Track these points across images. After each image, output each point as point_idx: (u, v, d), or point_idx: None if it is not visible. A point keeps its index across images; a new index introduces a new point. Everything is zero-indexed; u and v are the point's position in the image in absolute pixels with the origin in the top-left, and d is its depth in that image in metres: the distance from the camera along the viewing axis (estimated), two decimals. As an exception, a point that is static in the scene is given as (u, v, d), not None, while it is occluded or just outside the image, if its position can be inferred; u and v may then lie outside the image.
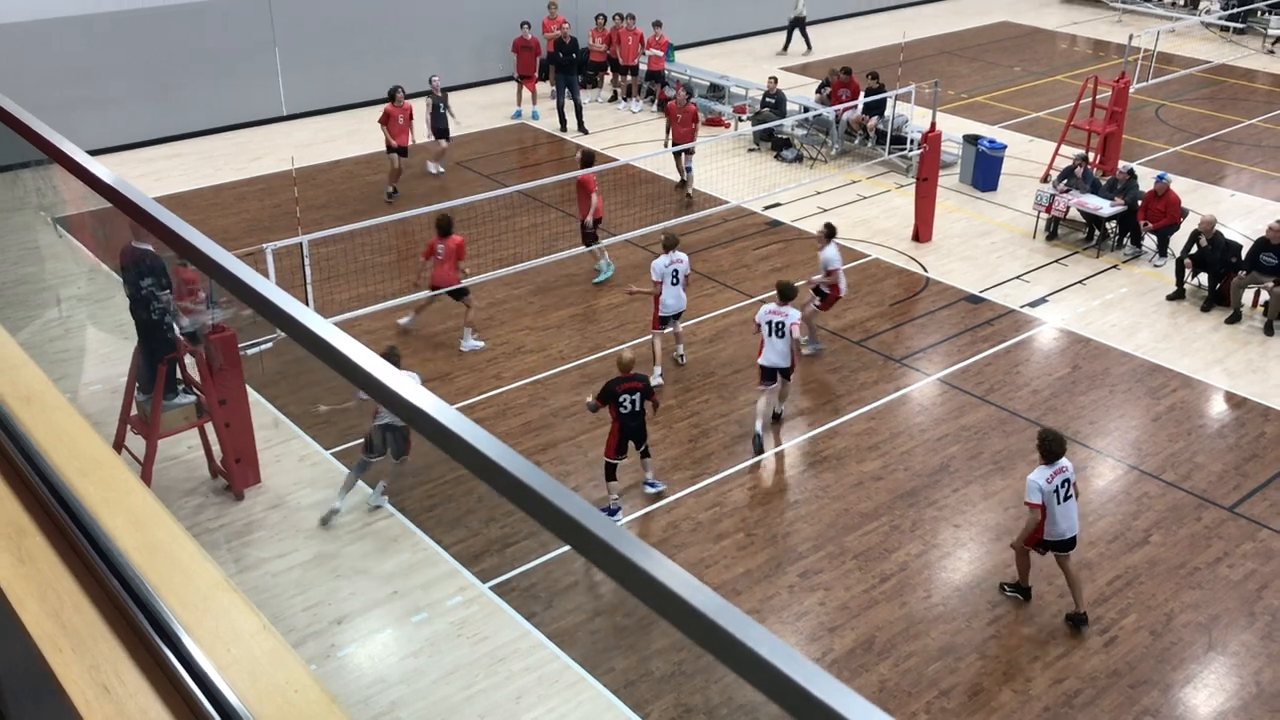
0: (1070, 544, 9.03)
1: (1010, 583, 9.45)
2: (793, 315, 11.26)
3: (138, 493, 1.98)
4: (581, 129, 20.15)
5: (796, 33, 25.16)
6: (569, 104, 20.18)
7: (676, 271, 12.22)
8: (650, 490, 10.58)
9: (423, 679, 8.25)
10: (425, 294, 13.01)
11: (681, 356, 12.85)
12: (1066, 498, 8.90)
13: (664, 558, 1.07)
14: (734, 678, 1.01)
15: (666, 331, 12.51)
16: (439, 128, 17.87)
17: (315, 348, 1.39)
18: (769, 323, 11.25)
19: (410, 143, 17.20)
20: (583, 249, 14.57)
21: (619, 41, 21.67)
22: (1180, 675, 8.64)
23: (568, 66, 20.10)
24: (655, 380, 12.00)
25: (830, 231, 12.89)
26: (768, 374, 11.36)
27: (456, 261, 12.71)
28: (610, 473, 10.26)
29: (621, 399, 10.05)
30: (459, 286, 12.80)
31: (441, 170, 18.26)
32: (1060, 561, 9.11)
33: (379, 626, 8.87)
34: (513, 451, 1.20)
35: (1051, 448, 8.84)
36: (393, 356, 10.02)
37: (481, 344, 13.06)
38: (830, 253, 12.77)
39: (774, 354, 11.27)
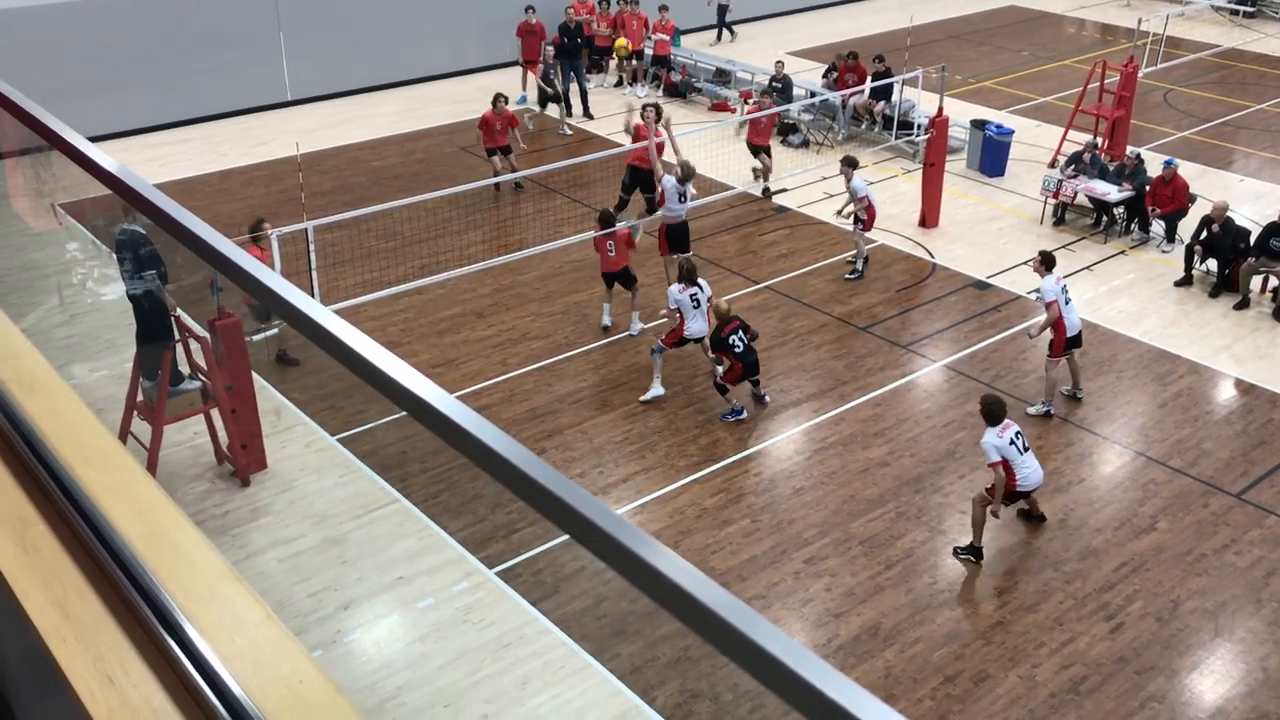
0: (1036, 487, 9.75)
1: (963, 546, 9.70)
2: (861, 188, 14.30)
3: (141, 482, 1.97)
4: (587, 114, 20.10)
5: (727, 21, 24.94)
6: (574, 88, 20.12)
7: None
8: (764, 401, 11.73)
9: (429, 664, 8.27)
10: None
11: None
12: (1025, 449, 9.50)
13: (667, 549, 1.06)
14: (739, 666, 1.01)
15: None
16: (549, 95, 18.86)
17: (314, 335, 1.38)
18: (866, 196, 14.19)
19: (510, 141, 16.52)
20: (589, 234, 14.53)
21: (624, 26, 21.59)
22: (1187, 662, 8.64)
23: (572, 51, 20.03)
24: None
25: (1048, 260, 11.75)
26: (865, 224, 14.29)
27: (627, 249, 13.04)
28: (722, 391, 11.49)
29: (731, 340, 11.27)
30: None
31: (568, 131, 19.22)
32: (1030, 500, 9.91)
33: (385, 612, 8.89)
34: (515, 441, 1.19)
35: (994, 409, 9.50)
36: (689, 266, 11.95)
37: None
38: (1048, 283, 11.47)
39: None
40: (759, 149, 16.94)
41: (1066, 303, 11.44)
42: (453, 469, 10.45)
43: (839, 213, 14.79)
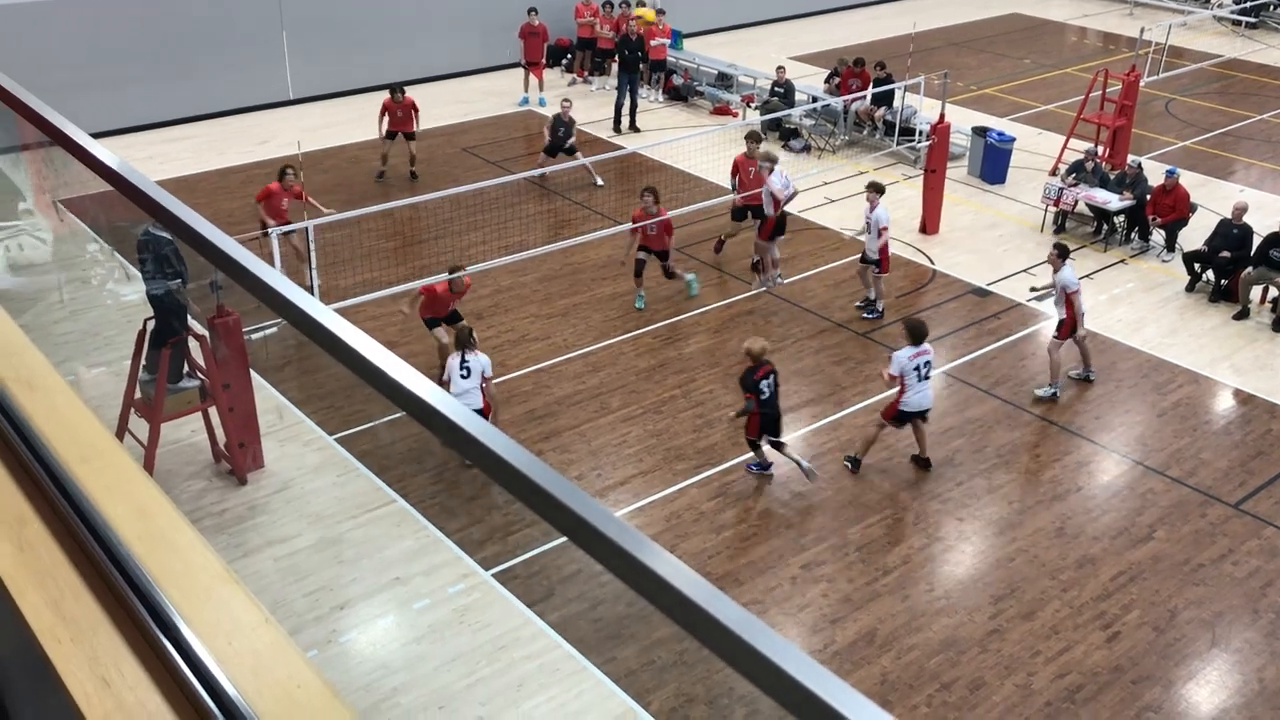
0: (926, 413, 10.76)
1: (851, 455, 10.82)
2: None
3: (139, 481, 1.96)
4: (634, 128, 19.64)
5: None
6: (626, 103, 19.63)
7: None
8: (809, 474, 10.53)
9: (424, 666, 8.26)
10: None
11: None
12: (924, 378, 10.49)
13: (665, 552, 1.05)
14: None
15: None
16: (556, 147, 16.92)
17: (315, 334, 1.37)
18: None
19: (415, 129, 17.23)
20: (589, 236, 14.54)
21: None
22: (1183, 672, 8.63)
23: (633, 65, 19.58)
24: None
25: (1063, 251, 12.04)
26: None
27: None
28: (755, 448, 10.76)
29: (760, 385, 10.51)
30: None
31: (600, 183, 17.20)
32: (917, 426, 10.79)
33: (381, 613, 8.88)
34: (515, 443, 1.19)
35: (917, 330, 10.50)
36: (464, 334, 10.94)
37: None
38: (1067, 274, 11.90)
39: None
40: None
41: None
42: (451, 469, 10.44)
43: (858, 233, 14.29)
